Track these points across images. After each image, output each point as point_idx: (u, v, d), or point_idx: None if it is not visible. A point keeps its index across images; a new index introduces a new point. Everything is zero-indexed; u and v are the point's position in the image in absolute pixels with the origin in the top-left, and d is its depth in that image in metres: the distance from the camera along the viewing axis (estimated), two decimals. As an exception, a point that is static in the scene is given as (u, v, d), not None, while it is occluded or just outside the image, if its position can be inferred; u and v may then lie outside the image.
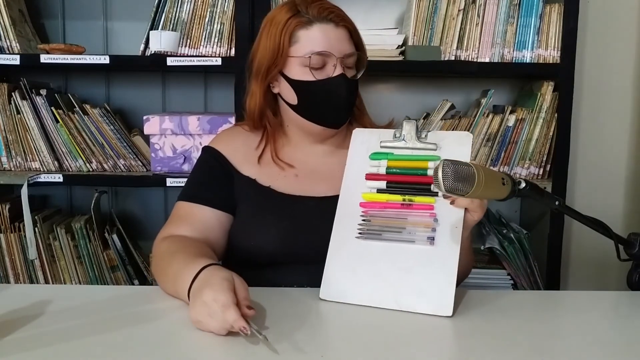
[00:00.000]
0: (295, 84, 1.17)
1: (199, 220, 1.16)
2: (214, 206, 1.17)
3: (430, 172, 1.07)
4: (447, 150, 1.08)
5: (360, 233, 1.05)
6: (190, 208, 1.17)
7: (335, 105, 1.17)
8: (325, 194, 1.19)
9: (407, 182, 1.08)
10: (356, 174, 1.11)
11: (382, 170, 1.10)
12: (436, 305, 0.96)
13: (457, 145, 1.08)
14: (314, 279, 1.11)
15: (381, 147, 1.12)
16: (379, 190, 1.08)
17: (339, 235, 1.06)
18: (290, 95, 1.19)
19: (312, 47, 1.14)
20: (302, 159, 1.24)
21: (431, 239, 1.01)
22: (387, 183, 1.08)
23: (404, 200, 1.06)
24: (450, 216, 1.03)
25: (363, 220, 1.06)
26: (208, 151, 1.25)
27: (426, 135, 1.11)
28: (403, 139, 1.11)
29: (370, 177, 1.10)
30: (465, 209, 1.02)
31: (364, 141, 1.14)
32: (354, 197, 1.09)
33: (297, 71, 1.16)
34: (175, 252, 1.06)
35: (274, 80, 1.21)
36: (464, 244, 1.12)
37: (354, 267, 1.02)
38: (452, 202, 1.00)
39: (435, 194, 1.05)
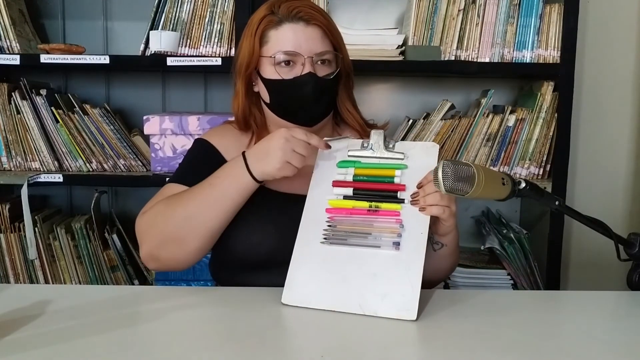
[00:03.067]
0: (267, 83, 1.19)
1: None
2: None
3: (397, 180, 1.08)
4: (414, 160, 1.09)
5: (325, 238, 1.04)
6: (179, 188, 1.16)
7: (303, 104, 1.17)
8: None
9: (373, 190, 1.08)
10: (323, 182, 1.11)
11: (349, 178, 1.10)
12: (400, 309, 0.95)
13: (424, 156, 1.09)
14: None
15: (349, 156, 1.13)
16: (346, 197, 1.08)
17: (304, 241, 1.05)
18: (265, 94, 1.21)
19: (280, 47, 1.15)
20: None
21: (397, 244, 1.01)
22: (353, 190, 1.08)
23: (370, 206, 1.06)
24: (416, 223, 1.03)
25: (328, 225, 1.06)
26: (201, 142, 1.26)
27: (394, 145, 1.12)
28: (371, 149, 1.12)
29: (337, 184, 1.10)
30: (437, 217, 1.04)
31: (332, 150, 1.14)
32: (320, 203, 1.09)
33: (269, 70, 1.17)
34: (182, 193, 1.13)
35: (254, 79, 1.22)
36: (451, 246, 1.14)
37: (317, 272, 1.01)
38: (413, 204, 1.04)
39: (402, 201, 1.06)
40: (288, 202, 1.17)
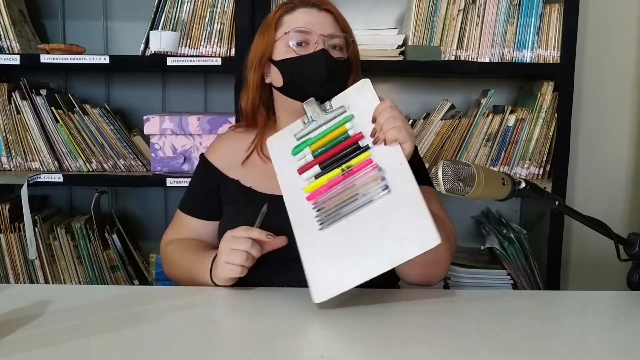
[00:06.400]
0: (279, 64, 1.21)
1: (190, 228, 1.30)
2: (200, 217, 1.29)
3: (351, 133, 1.07)
4: (356, 106, 1.09)
5: (320, 224, 1.02)
6: (183, 218, 1.31)
7: (317, 80, 1.18)
8: None
9: (337, 154, 1.07)
10: (289, 177, 1.09)
11: (310, 157, 1.09)
12: (423, 242, 0.92)
13: (363, 95, 1.09)
14: (297, 278, 1.11)
15: (297, 139, 1.11)
16: (317, 176, 1.07)
17: (303, 238, 1.02)
18: (277, 79, 1.22)
19: (293, 26, 1.20)
20: None
21: (385, 188, 1.00)
22: (319, 165, 1.07)
23: (343, 170, 1.05)
24: (390, 158, 1.02)
25: (317, 211, 1.04)
26: (201, 160, 1.33)
27: (331, 105, 1.12)
28: (312, 120, 1.11)
29: (302, 170, 1.08)
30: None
31: (280, 145, 1.13)
32: (298, 197, 1.07)
33: (282, 52, 1.21)
34: (184, 251, 1.24)
35: (266, 70, 1.24)
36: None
37: (331, 257, 0.99)
38: (376, 142, 1.04)
39: (367, 148, 1.05)
40: (274, 203, 1.17)
